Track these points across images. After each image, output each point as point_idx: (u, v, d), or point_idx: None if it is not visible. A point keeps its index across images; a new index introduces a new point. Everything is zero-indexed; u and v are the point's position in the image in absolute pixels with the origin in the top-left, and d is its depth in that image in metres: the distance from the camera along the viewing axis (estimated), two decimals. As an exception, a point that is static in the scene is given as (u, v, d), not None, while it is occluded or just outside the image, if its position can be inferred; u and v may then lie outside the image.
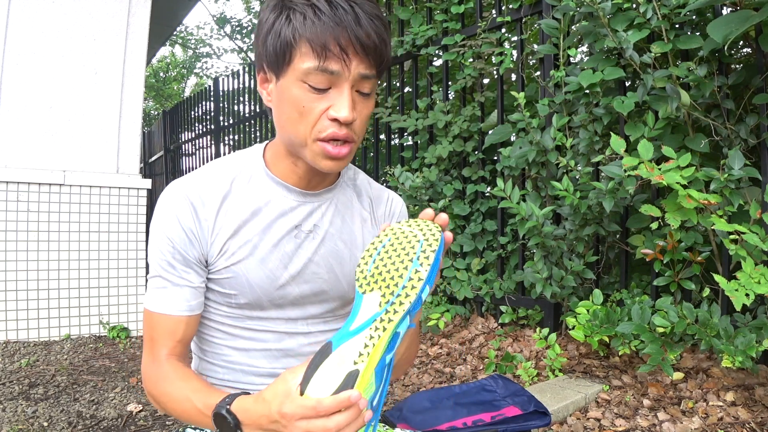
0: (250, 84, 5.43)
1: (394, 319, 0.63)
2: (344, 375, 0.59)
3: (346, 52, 0.72)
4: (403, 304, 0.63)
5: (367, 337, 0.62)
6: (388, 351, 0.63)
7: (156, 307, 0.82)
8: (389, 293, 0.64)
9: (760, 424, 1.67)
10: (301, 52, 0.73)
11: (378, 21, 0.74)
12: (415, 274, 0.65)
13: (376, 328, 0.62)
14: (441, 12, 3.09)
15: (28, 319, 3.00)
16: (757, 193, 1.95)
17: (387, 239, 0.70)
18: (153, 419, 2.04)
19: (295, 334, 0.88)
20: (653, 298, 2.15)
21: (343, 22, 0.71)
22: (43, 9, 3.06)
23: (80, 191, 3.14)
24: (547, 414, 1.25)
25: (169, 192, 0.84)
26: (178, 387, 0.76)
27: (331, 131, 0.75)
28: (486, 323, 2.80)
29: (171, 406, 0.77)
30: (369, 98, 0.79)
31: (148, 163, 8.88)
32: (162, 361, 0.81)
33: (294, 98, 0.75)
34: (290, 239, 0.85)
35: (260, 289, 0.84)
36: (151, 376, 0.80)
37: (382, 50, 0.75)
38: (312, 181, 0.86)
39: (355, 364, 0.60)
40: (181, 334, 0.82)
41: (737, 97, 2.07)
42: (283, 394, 0.62)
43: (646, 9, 2.02)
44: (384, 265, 0.67)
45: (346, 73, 0.73)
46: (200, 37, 13.93)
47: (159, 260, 0.82)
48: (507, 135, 2.68)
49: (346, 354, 0.61)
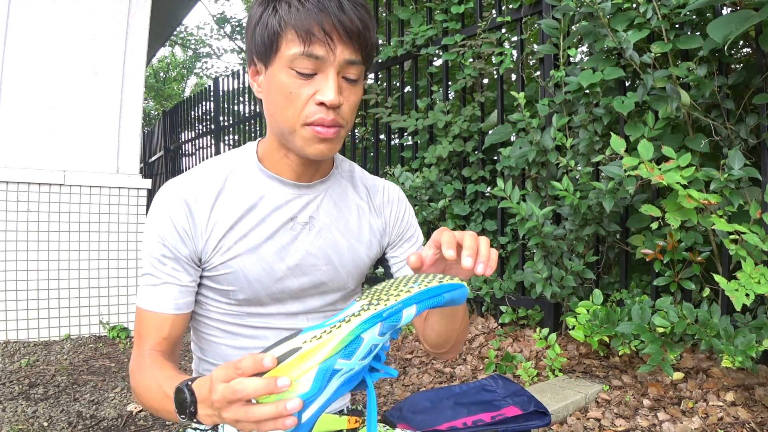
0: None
1: (362, 316, 0.60)
2: (287, 349, 0.58)
3: (331, 37, 0.74)
4: (377, 306, 0.61)
5: (327, 328, 0.60)
6: (343, 355, 0.59)
7: (144, 304, 0.83)
8: (374, 299, 0.64)
9: (760, 424, 1.67)
10: (287, 39, 0.75)
11: (361, 8, 0.76)
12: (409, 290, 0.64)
13: (339, 322, 0.60)
14: (441, 12, 3.09)
15: (28, 319, 3.00)
16: (757, 193, 1.95)
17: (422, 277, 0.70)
18: (153, 419, 2.04)
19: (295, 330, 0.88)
20: (653, 298, 2.15)
21: (326, 8, 0.73)
22: (43, 9, 3.06)
23: (80, 191, 3.14)
24: (547, 414, 1.25)
25: (163, 191, 0.85)
26: (151, 375, 0.76)
27: (318, 116, 0.76)
28: (486, 323, 2.80)
29: (145, 395, 0.76)
30: (356, 85, 0.80)
31: (148, 163, 8.89)
32: (144, 354, 0.81)
33: (282, 85, 0.77)
34: (286, 232, 0.86)
35: (258, 284, 0.84)
36: (133, 370, 0.80)
37: (366, 36, 0.77)
38: (305, 172, 0.87)
39: (304, 343, 0.58)
40: (167, 332, 0.83)
41: (737, 97, 2.07)
42: (223, 377, 0.58)
43: (646, 9, 2.02)
44: (394, 287, 0.66)
45: (331, 58, 0.75)
46: (200, 37, 13.93)
47: (150, 258, 0.83)
48: (507, 135, 2.68)
49: (304, 337, 0.60)
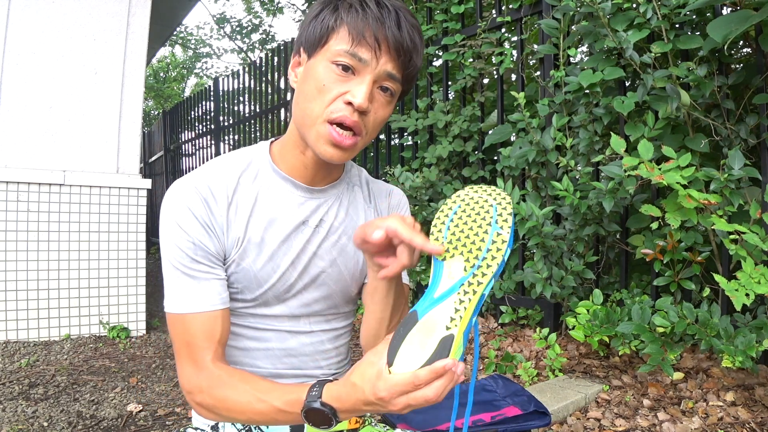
0: (250, 84, 5.43)
1: (483, 281, 0.63)
2: (437, 341, 0.60)
3: (380, 45, 0.75)
4: (491, 266, 0.63)
5: (456, 302, 0.62)
6: (475, 313, 0.63)
7: (186, 307, 0.78)
8: (473, 257, 0.64)
9: (760, 424, 1.67)
10: (339, 36, 0.77)
11: (416, 32, 0.79)
12: (498, 237, 0.65)
13: (465, 292, 0.62)
14: (441, 12, 3.09)
15: (28, 319, 3.00)
16: (757, 193, 1.95)
17: (457, 206, 0.70)
18: (153, 419, 2.04)
19: (297, 333, 0.88)
20: (653, 298, 2.15)
21: (384, 20, 0.75)
22: (43, 9, 3.06)
23: (80, 191, 3.14)
24: (547, 414, 1.25)
25: (176, 188, 0.81)
26: (242, 390, 0.74)
27: (342, 114, 0.76)
28: (486, 323, 2.80)
29: (236, 409, 0.74)
30: (389, 101, 0.81)
31: (148, 163, 8.88)
32: (209, 367, 0.77)
33: (318, 76, 0.78)
34: (297, 234, 0.85)
35: (267, 285, 0.84)
36: (201, 384, 0.76)
37: (412, 57, 0.78)
38: (317, 175, 0.87)
39: (448, 330, 0.60)
40: (219, 333, 0.79)
41: (737, 97, 2.07)
42: (375, 377, 0.63)
43: (646, 9, 2.02)
44: (461, 231, 0.66)
45: (373, 64, 0.76)
46: (200, 37, 13.92)
47: (179, 257, 0.79)
48: (507, 135, 2.68)
49: (436, 320, 0.61)
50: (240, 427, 0.88)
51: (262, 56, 5.27)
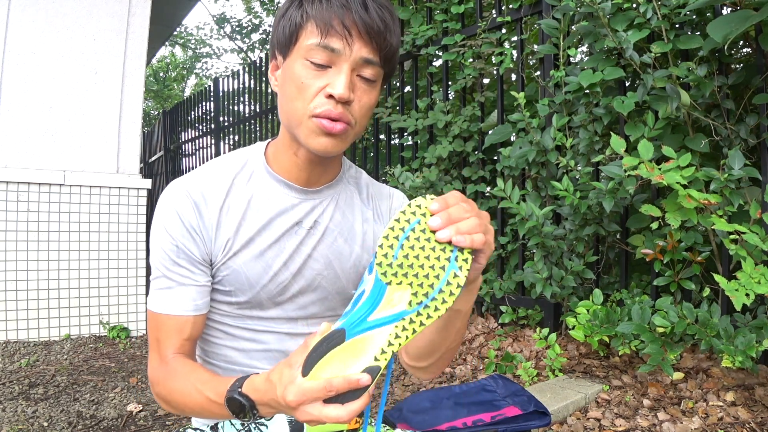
0: (250, 84, 5.43)
1: (425, 323, 0.57)
2: (361, 369, 0.55)
3: (349, 32, 0.74)
4: (439, 310, 0.57)
5: (392, 335, 0.56)
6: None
7: (161, 308, 0.81)
8: (422, 294, 0.57)
9: (760, 424, 1.67)
10: (307, 31, 0.76)
11: (385, 10, 0.77)
12: (454, 279, 0.57)
13: (404, 328, 0.56)
14: (441, 12, 3.09)
15: (28, 319, 3.00)
16: (757, 193, 1.95)
17: (416, 220, 0.58)
18: (153, 419, 2.04)
19: (295, 335, 0.88)
20: (653, 298, 2.15)
21: (350, 5, 0.74)
22: (43, 9, 3.06)
23: (80, 191, 3.14)
24: (547, 414, 1.25)
25: (170, 191, 0.83)
26: (186, 381, 0.75)
27: (326, 108, 0.76)
28: (486, 323, 2.80)
29: (181, 401, 0.76)
30: (372, 87, 0.79)
31: (148, 163, 8.88)
32: (168, 359, 0.80)
33: (295, 75, 0.77)
34: (291, 236, 0.85)
35: (260, 286, 0.84)
36: (159, 376, 0.79)
37: (386, 37, 0.77)
38: (312, 175, 0.86)
39: (376, 361, 0.56)
40: (188, 333, 0.81)
41: (737, 97, 2.07)
42: (288, 380, 0.61)
43: (646, 9, 2.02)
44: (415, 255, 0.57)
45: (347, 52, 0.75)
46: (200, 37, 13.91)
47: (162, 260, 0.81)
48: (507, 135, 2.68)
49: (365, 348, 0.56)
50: (239, 427, 0.88)
51: (262, 56, 5.27)
